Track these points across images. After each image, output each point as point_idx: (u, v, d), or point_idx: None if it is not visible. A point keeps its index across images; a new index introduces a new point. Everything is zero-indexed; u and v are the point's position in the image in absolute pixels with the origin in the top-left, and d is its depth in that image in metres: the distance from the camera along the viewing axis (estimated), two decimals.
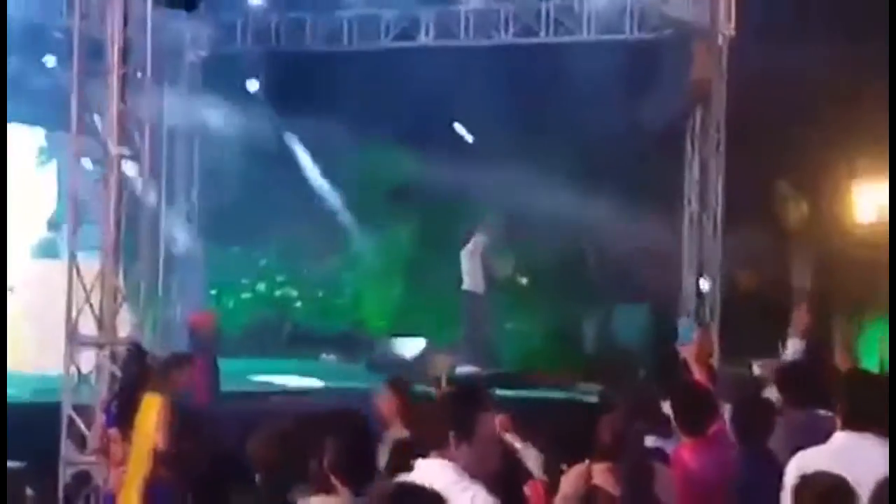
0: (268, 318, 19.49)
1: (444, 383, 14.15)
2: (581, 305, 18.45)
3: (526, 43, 16.73)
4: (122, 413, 9.28)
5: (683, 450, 6.82)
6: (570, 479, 4.70)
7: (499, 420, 5.21)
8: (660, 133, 15.91)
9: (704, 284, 14.58)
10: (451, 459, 4.66)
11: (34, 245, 16.58)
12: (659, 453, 6.38)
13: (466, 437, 4.68)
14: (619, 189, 16.60)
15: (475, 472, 4.64)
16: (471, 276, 16.96)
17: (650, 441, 6.60)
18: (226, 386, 12.83)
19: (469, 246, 16.82)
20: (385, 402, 7.75)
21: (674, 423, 6.93)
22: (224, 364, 13.11)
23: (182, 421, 8.47)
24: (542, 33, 16.55)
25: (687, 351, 7.96)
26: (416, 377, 16.45)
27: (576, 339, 18.43)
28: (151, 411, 8.68)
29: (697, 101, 14.95)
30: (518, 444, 6.24)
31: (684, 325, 13.74)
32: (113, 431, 9.54)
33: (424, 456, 4.70)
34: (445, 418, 4.75)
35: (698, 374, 7.53)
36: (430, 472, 4.63)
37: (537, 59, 17.06)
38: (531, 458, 6.14)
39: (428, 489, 3.65)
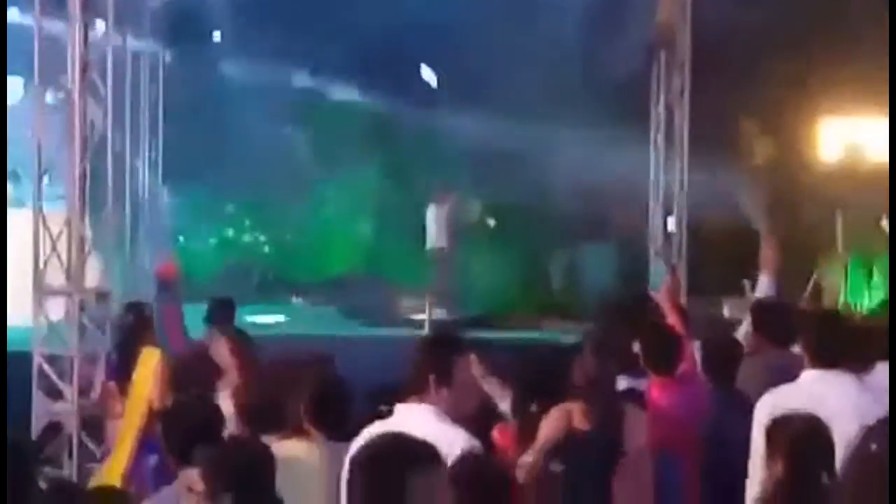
0: (237, 264, 19.46)
1: (425, 328, 14.23)
2: (549, 246, 18.51)
3: None
4: (121, 366, 9.25)
5: (653, 388, 6.90)
6: (551, 422, 4.73)
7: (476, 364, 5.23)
8: (625, 74, 15.88)
9: (672, 224, 14.61)
10: (430, 403, 4.71)
11: None
12: (632, 393, 6.43)
13: (446, 381, 4.73)
14: (585, 129, 16.61)
15: (454, 415, 4.69)
16: (435, 234, 17.16)
17: (623, 382, 6.65)
18: (196, 334, 12.77)
19: (443, 210, 17.04)
20: (221, 348, 7.57)
21: (642, 362, 7.00)
22: (194, 311, 13.06)
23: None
24: None
25: (660, 295, 8.03)
26: (387, 320, 16.66)
27: (544, 280, 18.50)
28: (148, 365, 8.66)
29: (662, 43, 14.89)
30: (496, 392, 6.27)
31: (658, 269, 13.78)
32: (111, 384, 9.51)
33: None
34: (425, 363, 4.79)
35: (671, 318, 7.60)
36: (411, 416, 4.66)
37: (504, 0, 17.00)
38: (504, 401, 6.16)
39: (420, 440, 3.60)
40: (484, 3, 17.06)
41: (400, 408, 4.79)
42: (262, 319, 15.56)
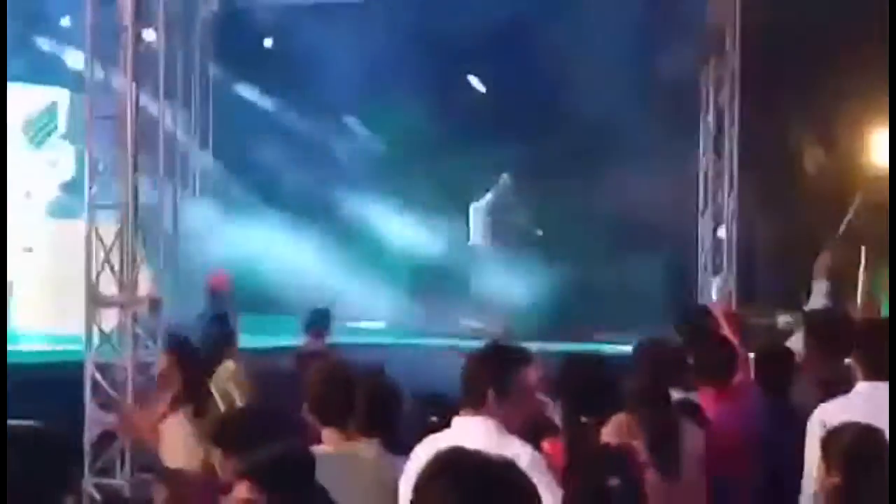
0: None
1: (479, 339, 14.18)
2: (598, 256, 18.39)
3: None
4: None
5: (706, 400, 6.85)
6: (611, 432, 4.71)
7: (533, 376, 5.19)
8: (674, 80, 15.80)
9: (721, 233, 14.53)
10: (488, 416, 4.66)
11: (51, 205, 16.62)
12: (686, 405, 6.39)
13: (505, 393, 4.67)
14: (634, 137, 16.55)
15: (511, 427, 4.64)
16: (480, 230, 17.13)
17: (677, 393, 6.60)
18: (252, 343, 12.80)
19: (483, 202, 16.96)
20: (164, 360, 7.57)
21: (697, 373, 6.96)
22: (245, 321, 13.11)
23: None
24: None
25: (717, 307, 8.01)
26: (432, 334, 16.66)
27: (594, 291, 18.39)
28: (225, 377, 8.78)
29: (712, 48, 14.80)
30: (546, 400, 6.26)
31: (717, 281, 13.68)
32: None
33: None
34: (484, 374, 4.73)
35: (728, 330, 7.57)
36: (470, 429, 4.61)
37: (550, 5, 16.96)
38: (557, 412, 6.14)
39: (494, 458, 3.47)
40: (531, 9, 17.04)
41: (458, 421, 4.73)
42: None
